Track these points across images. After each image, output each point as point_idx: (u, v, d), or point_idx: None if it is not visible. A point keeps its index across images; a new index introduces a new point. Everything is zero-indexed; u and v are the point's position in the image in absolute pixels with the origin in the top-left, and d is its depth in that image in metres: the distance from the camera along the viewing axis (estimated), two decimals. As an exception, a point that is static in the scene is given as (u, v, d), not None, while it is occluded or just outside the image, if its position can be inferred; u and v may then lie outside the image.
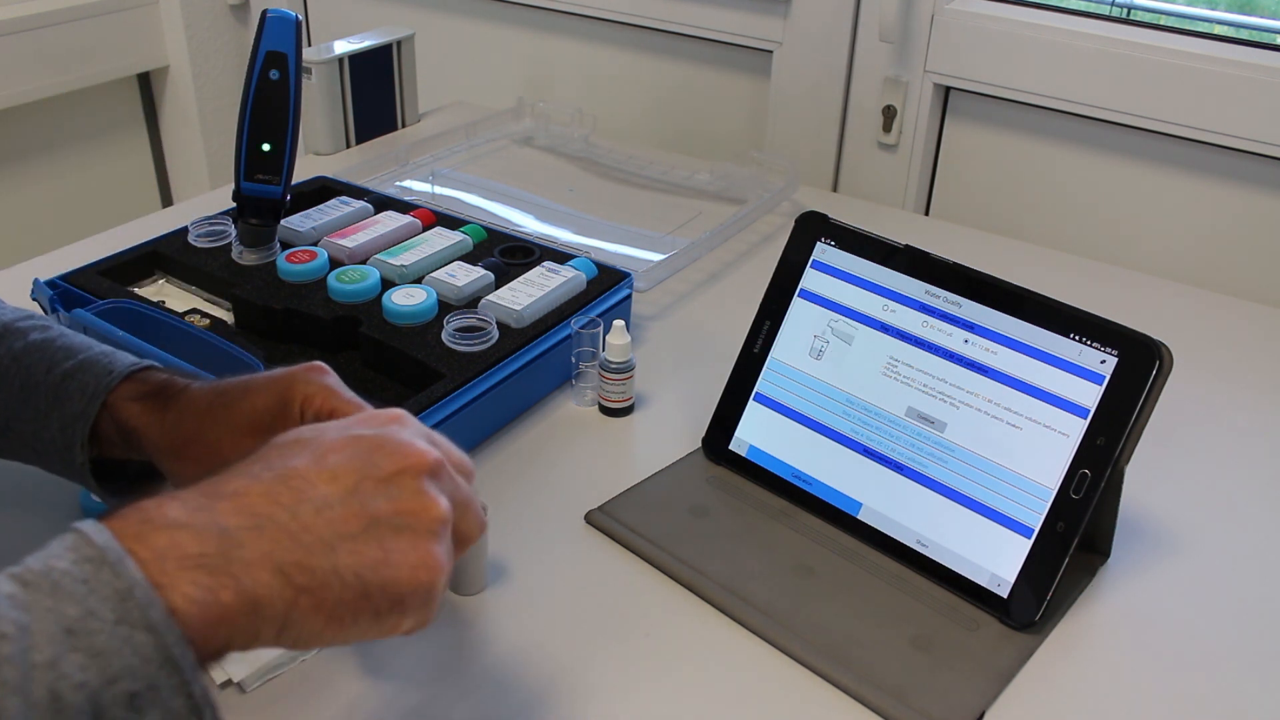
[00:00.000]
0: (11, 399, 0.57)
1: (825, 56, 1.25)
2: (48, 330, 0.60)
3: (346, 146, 1.32)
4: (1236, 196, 1.10)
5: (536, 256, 0.93)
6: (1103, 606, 0.67)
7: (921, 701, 0.59)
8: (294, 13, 0.85)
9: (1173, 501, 0.76)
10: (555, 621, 0.65)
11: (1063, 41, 1.11)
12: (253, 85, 0.85)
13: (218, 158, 1.80)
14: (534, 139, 1.34)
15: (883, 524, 0.70)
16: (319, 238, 0.94)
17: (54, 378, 0.57)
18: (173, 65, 1.75)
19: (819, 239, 0.76)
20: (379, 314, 0.83)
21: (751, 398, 0.77)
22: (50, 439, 0.57)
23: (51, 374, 0.57)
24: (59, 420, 0.56)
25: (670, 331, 0.96)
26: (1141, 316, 0.68)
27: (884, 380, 0.72)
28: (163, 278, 0.95)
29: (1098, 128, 1.15)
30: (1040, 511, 0.65)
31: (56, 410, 0.56)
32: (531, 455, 0.79)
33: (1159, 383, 0.62)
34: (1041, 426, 0.66)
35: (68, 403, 0.56)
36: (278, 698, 0.59)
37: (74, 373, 0.57)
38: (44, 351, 0.58)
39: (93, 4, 1.60)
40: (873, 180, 1.29)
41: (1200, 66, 1.05)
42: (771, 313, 0.77)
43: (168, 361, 0.73)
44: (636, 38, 1.42)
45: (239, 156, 0.86)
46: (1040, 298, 0.67)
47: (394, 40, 1.33)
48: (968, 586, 0.66)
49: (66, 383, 0.57)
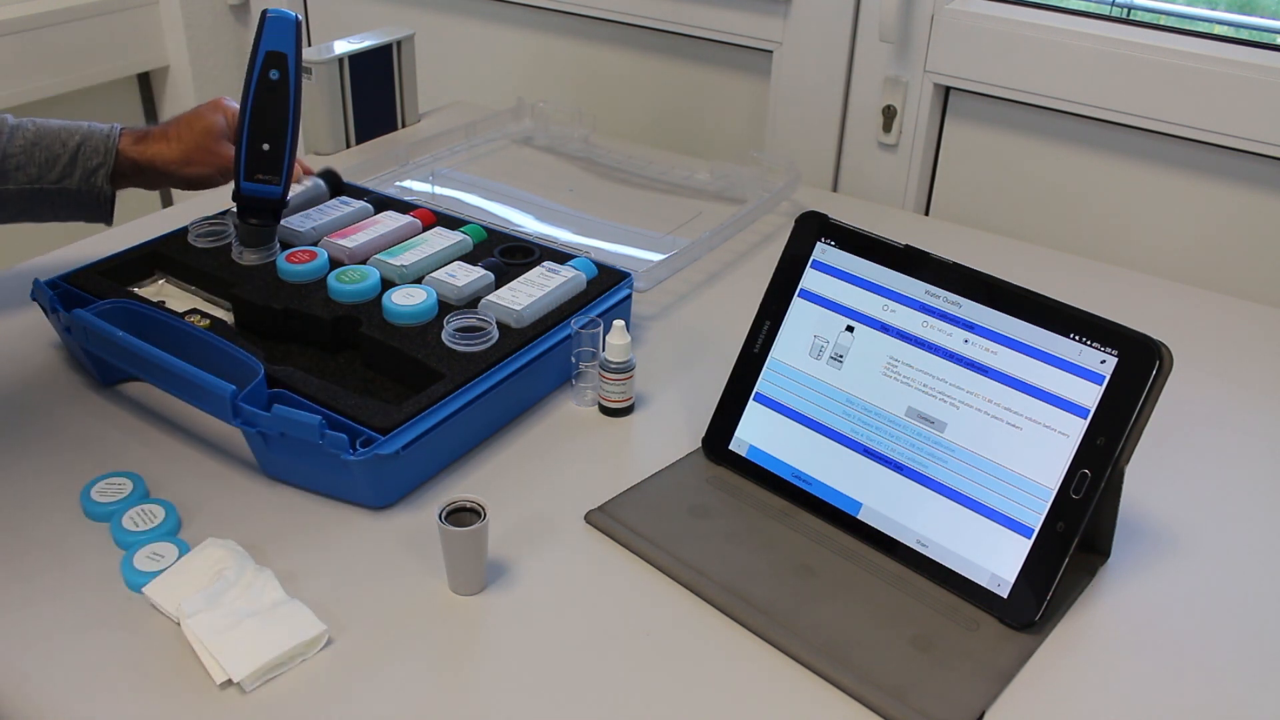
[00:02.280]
0: (39, 170, 0.87)
1: (825, 56, 1.25)
2: (23, 122, 0.89)
3: (346, 146, 1.32)
4: (1236, 196, 1.10)
5: (536, 256, 0.93)
6: (1103, 606, 0.67)
7: (921, 701, 0.59)
8: (294, 13, 0.85)
9: (1173, 501, 0.76)
10: (555, 621, 0.65)
11: (1063, 41, 1.11)
12: (253, 85, 0.85)
13: (218, 158, 1.80)
14: (533, 139, 1.34)
15: (883, 524, 0.70)
16: (319, 238, 0.94)
17: (69, 149, 0.87)
18: (173, 65, 1.75)
19: (819, 239, 0.76)
20: (379, 314, 0.83)
21: (751, 398, 0.77)
22: (75, 189, 0.88)
23: (67, 146, 0.87)
24: (81, 174, 0.87)
25: (670, 331, 0.96)
26: (1141, 316, 0.68)
27: (884, 380, 0.72)
28: (163, 278, 0.95)
29: (1098, 128, 1.15)
30: (1040, 511, 0.65)
31: (78, 168, 0.87)
32: (531, 455, 0.79)
33: (1159, 383, 0.62)
34: (1041, 426, 0.65)
35: (88, 160, 0.87)
36: (278, 698, 0.59)
37: (83, 142, 0.88)
38: (49, 136, 0.88)
39: (93, 4, 1.61)
40: (873, 180, 1.29)
41: (1200, 66, 1.05)
42: (771, 313, 0.77)
43: (168, 363, 0.73)
44: (636, 38, 1.42)
45: (239, 156, 0.86)
46: (1040, 298, 0.67)
47: (394, 40, 1.33)
48: (968, 586, 0.66)
49: (82, 148, 0.87)
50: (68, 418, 0.81)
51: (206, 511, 0.72)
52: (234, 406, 0.71)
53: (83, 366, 0.86)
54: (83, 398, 0.84)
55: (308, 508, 0.73)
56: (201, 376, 0.72)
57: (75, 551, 0.69)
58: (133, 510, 0.71)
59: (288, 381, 0.76)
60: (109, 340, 0.77)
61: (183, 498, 0.73)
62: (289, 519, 0.72)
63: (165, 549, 0.68)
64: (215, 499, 0.74)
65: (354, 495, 0.73)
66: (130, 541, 0.69)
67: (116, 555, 0.68)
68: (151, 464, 0.76)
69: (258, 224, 0.90)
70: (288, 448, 0.72)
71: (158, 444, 0.79)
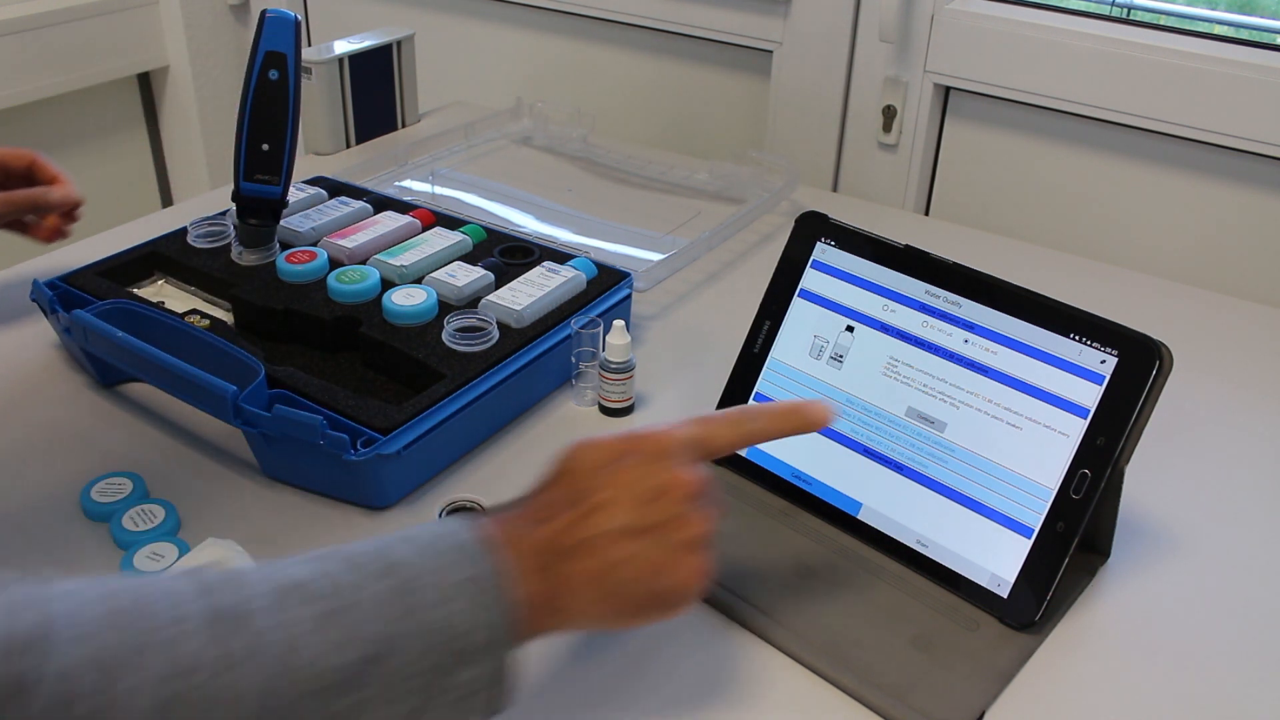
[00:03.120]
0: None
1: (825, 56, 1.25)
2: None
3: (346, 146, 1.32)
4: (1236, 196, 1.10)
5: (536, 256, 0.93)
6: (1103, 606, 0.67)
7: (921, 701, 0.59)
8: (293, 13, 0.85)
9: (1173, 501, 0.76)
10: (555, 622, 0.65)
11: (1062, 41, 1.11)
12: (252, 85, 0.85)
13: (217, 158, 1.80)
14: (533, 139, 1.34)
15: (883, 524, 0.70)
16: (319, 238, 0.94)
17: None
18: (173, 65, 1.75)
19: (819, 239, 0.76)
20: (379, 314, 0.83)
21: (751, 398, 0.77)
22: None
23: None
24: None
25: (670, 331, 0.96)
26: (1141, 316, 0.68)
27: (884, 380, 0.72)
28: (162, 278, 0.95)
29: (1098, 128, 1.15)
30: (1040, 511, 0.65)
31: None
32: (531, 455, 0.79)
33: (1159, 383, 0.62)
34: (1041, 426, 0.65)
35: None
36: (278, 698, 0.59)
37: None
38: None
39: (93, 4, 1.60)
40: (873, 180, 1.29)
41: (1200, 66, 1.05)
42: (771, 313, 0.77)
43: (168, 363, 0.73)
44: (636, 38, 1.42)
45: (238, 156, 0.86)
46: (1040, 298, 0.67)
47: (394, 40, 1.33)
48: (968, 586, 0.66)
49: None
50: (68, 418, 0.82)
51: (206, 511, 0.72)
52: (235, 407, 0.71)
53: (83, 366, 0.86)
54: (83, 398, 0.84)
55: (308, 508, 0.73)
56: (202, 377, 0.72)
57: (75, 551, 0.69)
58: (133, 510, 0.71)
59: (288, 382, 0.76)
60: (109, 341, 0.77)
61: (183, 498, 0.73)
62: (289, 519, 0.72)
63: (165, 549, 0.68)
64: (215, 499, 0.74)
65: (354, 495, 0.73)
66: (130, 541, 0.69)
67: (116, 555, 0.68)
68: (151, 464, 0.76)
69: (257, 224, 0.90)
70: (288, 448, 0.72)
71: (158, 444, 0.79)
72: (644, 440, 0.54)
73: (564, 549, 0.51)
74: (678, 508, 0.52)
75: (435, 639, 0.46)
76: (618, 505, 0.52)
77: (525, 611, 0.49)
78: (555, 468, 0.55)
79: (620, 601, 0.52)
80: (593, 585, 0.51)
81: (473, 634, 0.46)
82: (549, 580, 0.50)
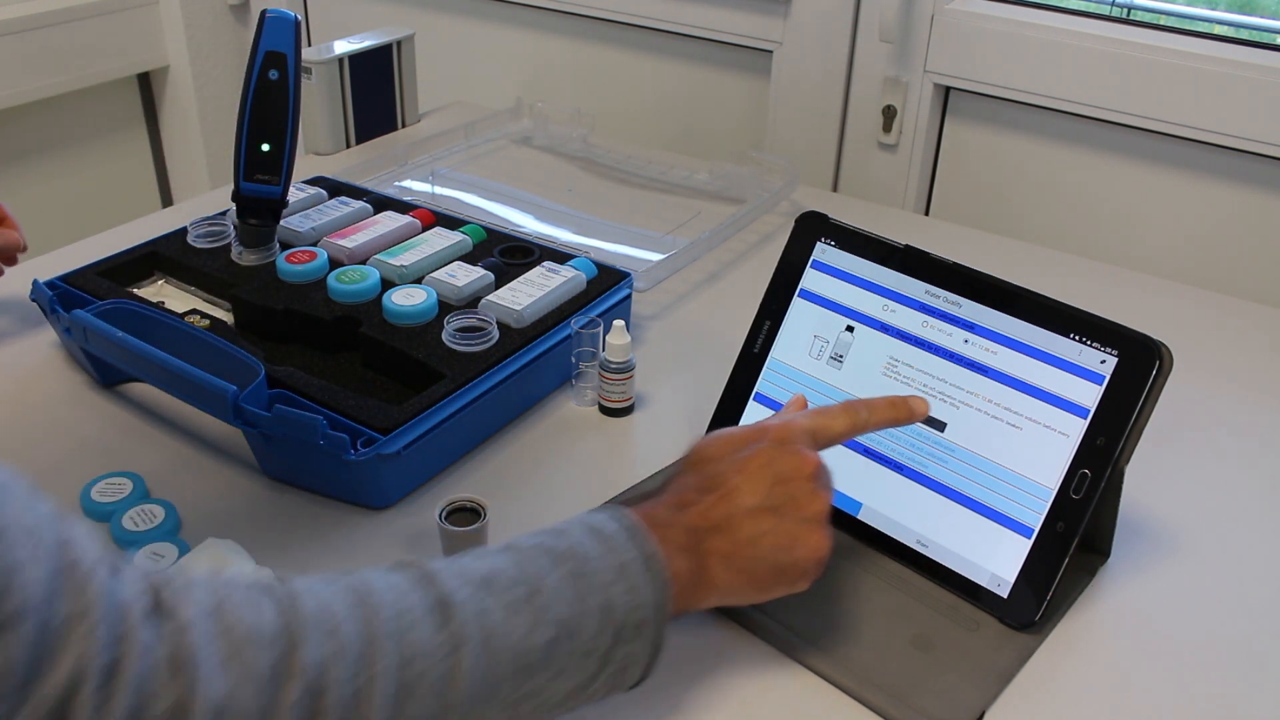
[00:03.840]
0: None
1: (825, 56, 1.25)
2: None
3: (346, 146, 1.32)
4: (1236, 196, 1.10)
5: (536, 256, 0.93)
6: (1103, 606, 0.67)
7: (921, 701, 0.59)
8: (293, 13, 0.85)
9: (1173, 501, 0.76)
10: (555, 622, 0.65)
11: (1063, 41, 1.11)
12: (252, 85, 0.85)
13: (217, 158, 1.80)
14: (533, 139, 1.34)
15: (883, 524, 0.70)
16: (319, 238, 0.94)
17: None
18: (173, 65, 1.75)
19: (819, 239, 0.76)
20: (379, 314, 0.83)
21: (751, 398, 0.77)
22: None
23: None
24: None
25: (670, 331, 0.96)
26: (1141, 316, 0.68)
27: (884, 380, 0.72)
28: (162, 278, 0.95)
29: (1098, 128, 1.15)
30: (1040, 511, 0.65)
31: None
32: (531, 455, 0.79)
33: (1159, 383, 0.62)
34: (1041, 426, 0.65)
35: None
36: (278, 698, 0.59)
37: None
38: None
39: (93, 4, 1.60)
40: (873, 180, 1.29)
41: (1200, 66, 1.05)
42: (771, 313, 0.77)
43: (168, 363, 0.73)
44: (636, 38, 1.42)
45: (238, 156, 0.86)
46: (1040, 298, 0.67)
47: (394, 40, 1.33)
48: (968, 586, 0.66)
49: None
50: (68, 418, 0.81)
51: (206, 511, 0.72)
52: (235, 407, 0.70)
53: (83, 366, 0.86)
54: (83, 398, 0.84)
55: (308, 508, 0.73)
56: (202, 377, 0.72)
57: (75, 552, 0.69)
58: (133, 510, 0.71)
59: (288, 382, 0.76)
60: (108, 341, 0.77)
61: (183, 498, 0.73)
62: (289, 519, 0.72)
63: (165, 549, 0.68)
64: (215, 499, 0.74)
65: (354, 495, 0.73)
66: (130, 541, 0.69)
67: (116, 555, 0.68)
68: (151, 464, 0.76)
69: (257, 224, 0.90)
70: (288, 448, 0.72)
71: (158, 444, 0.79)
72: (768, 430, 0.60)
73: (704, 529, 0.57)
74: (801, 488, 0.58)
75: (607, 618, 0.51)
76: (749, 488, 0.57)
77: (676, 589, 0.54)
78: (685, 460, 0.61)
79: (755, 574, 0.57)
80: (731, 561, 0.57)
81: (636, 612, 0.52)
82: (694, 559, 0.56)
